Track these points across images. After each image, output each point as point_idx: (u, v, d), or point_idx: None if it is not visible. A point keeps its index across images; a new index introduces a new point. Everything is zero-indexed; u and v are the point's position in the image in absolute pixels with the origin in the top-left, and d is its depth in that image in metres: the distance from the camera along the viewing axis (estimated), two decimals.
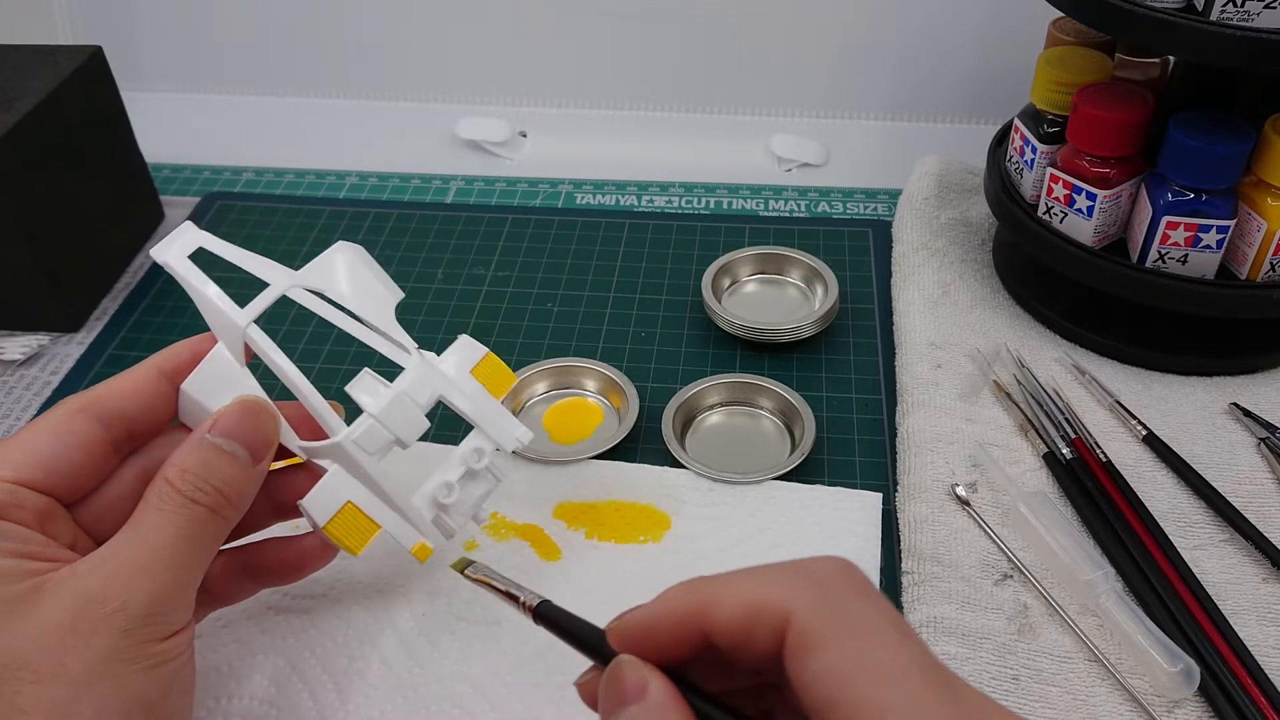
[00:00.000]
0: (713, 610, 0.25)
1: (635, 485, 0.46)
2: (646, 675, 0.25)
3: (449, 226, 0.63)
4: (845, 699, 0.22)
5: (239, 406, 0.34)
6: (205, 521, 0.31)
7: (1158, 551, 0.41)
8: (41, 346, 0.56)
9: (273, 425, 0.34)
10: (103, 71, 0.58)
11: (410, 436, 0.36)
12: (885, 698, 0.22)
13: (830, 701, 0.23)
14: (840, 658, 0.23)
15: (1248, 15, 0.40)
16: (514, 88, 0.76)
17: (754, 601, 0.24)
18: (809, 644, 0.23)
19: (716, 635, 0.25)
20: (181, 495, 0.31)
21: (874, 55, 0.71)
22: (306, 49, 0.77)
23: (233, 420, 0.33)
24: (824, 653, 0.23)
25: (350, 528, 0.35)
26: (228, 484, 0.32)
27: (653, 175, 0.68)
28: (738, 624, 0.24)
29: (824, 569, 0.25)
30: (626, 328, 0.55)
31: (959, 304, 0.54)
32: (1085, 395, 0.49)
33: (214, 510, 0.31)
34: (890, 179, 0.67)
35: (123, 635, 0.29)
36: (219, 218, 0.65)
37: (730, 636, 0.25)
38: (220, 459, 0.32)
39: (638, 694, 0.25)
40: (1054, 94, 0.49)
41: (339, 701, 0.38)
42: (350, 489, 0.36)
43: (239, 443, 0.33)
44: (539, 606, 0.31)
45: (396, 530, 0.36)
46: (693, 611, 0.25)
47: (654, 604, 0.26)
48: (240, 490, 0.32)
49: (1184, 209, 0.46)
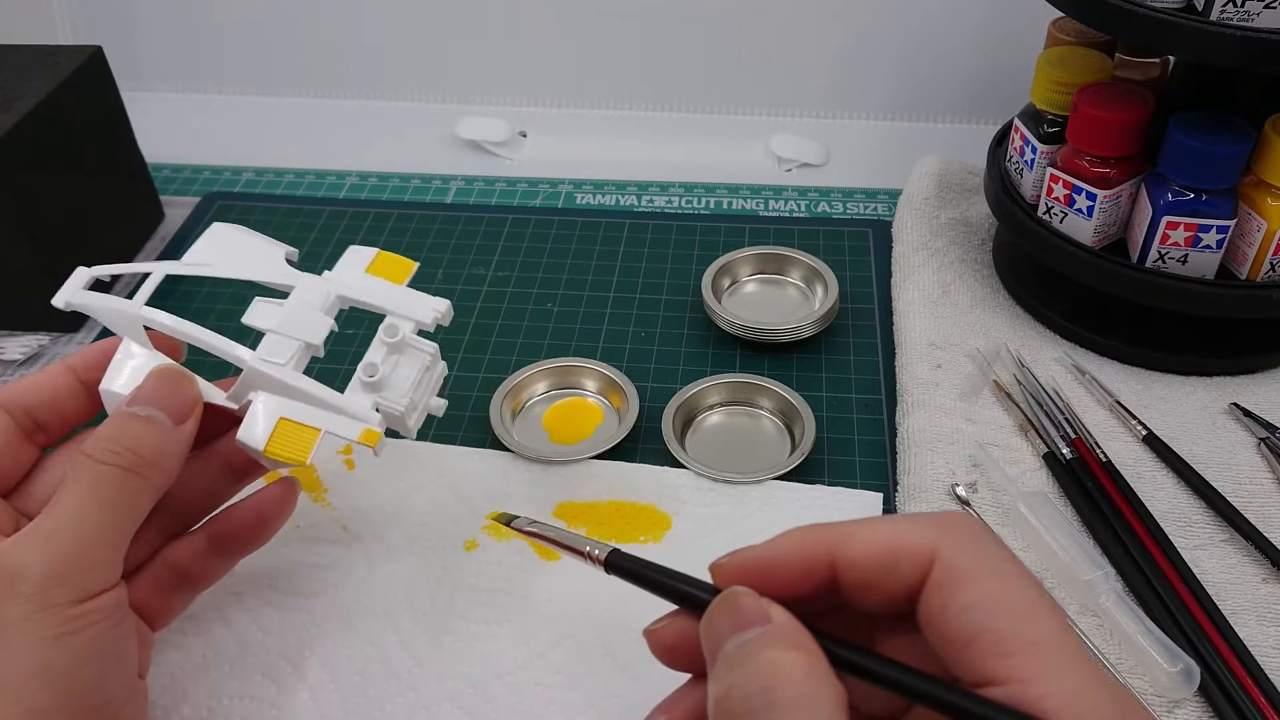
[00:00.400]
0: (848, 547, 0.25)
1: (635, 485, 0.46)
2: (766, 604, 0.25)
3: (449, 226, 0.63)
4: (992, 630, 0.23)
5: (153, 375, 0.35)
6: (117, 482, 0.31)
7: (1158, 551, 0.41)
8: (41, 346, 0.56)
9: (189, 385, 0.35)
10: (103, 71, 0.58)
11: (316, 336, 0.37)
12: (1033, 631, 0.23)
13: (977, 632, 0.23)
14: (989, 592, 0.23)
15: (1248, 15, 0.40)
16: (514, 88, 0.76)
17: (896, 540, 0.25)
18: (957, 579, 0.24)
19: (850, 571, 0.25)
20: (91, 459, 0.31)
21: (874, 55, 0.71)
22: (306, 49, 0.77)
23: (148, 388, 0.34)
24: (973, 587, 0.24)
25: (289, 441, 0.35)
26: (141, 444, 0.32)
27: (653, 175, 0.68)
28: (876, 560, 0.25)
29: (960, 518, 0.26)
30: (626, 328, 0.55)
31: (959, 304, 0.54)
32: (1085, 395, 0.49)
33: (128, 469, 0.31)
34: (890, 179, 0.67)
35: (26, 601, 0.28)
36: (219, 218, 0.65)
37: (865, 572, 0.25)
38: (134, 423, 0.32)
39: (760, 618, 0.25)
40: (1054, 94, 0.49)
41: (339, 701, 0.38)
42: (281, 408, 0.35)
43: (155, 406, 0.33)
44: (610, 557, 0.30)
45: (337, 427, 0.36)
46: (824, 549, 0.26)
47: (774, 542, 0.27)
48: (159, 448, 0.32)
49: (1184, 209, 0.46)
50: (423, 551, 0.43)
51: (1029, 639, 0.23)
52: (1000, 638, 0.23)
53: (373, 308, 0.39)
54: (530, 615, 0.41)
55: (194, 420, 0.34)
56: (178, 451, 0.33)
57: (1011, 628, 0.23)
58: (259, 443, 0.35)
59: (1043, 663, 0.22)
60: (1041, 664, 0.22)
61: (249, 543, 0.37)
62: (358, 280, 0.39)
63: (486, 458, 0.48)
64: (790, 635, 0.25)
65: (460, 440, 0.49)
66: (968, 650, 0.23)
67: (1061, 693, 0.22)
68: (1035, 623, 0.23)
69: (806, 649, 0.24)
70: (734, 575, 0.27)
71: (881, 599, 0.25)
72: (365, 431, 0.36)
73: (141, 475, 0.32)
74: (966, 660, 0.23)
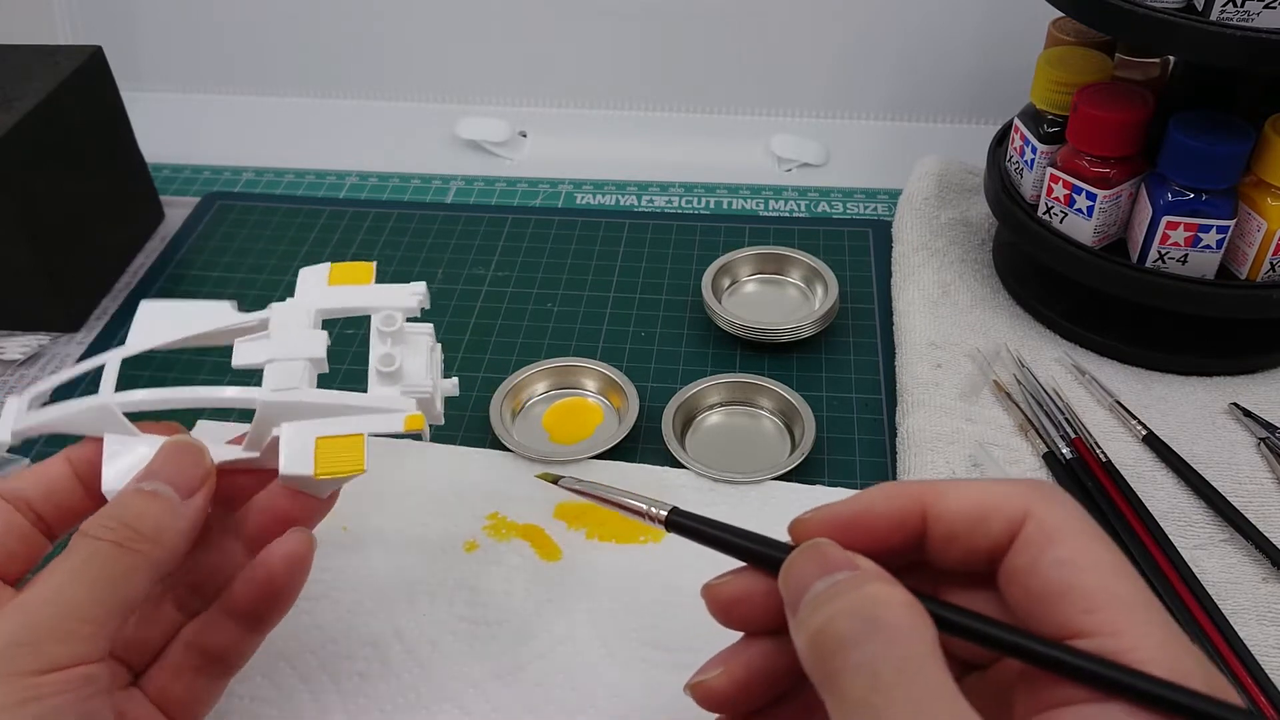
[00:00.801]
0: (941, 500, 0.26)
1: (636, 485, 0.46)
2: (852, 554, 0.26)
3: (449, 226, 0.63)
4: (1083, 585, 0.24)
5: (164, 448, 0.33)
6: (109, 557, 0.29)
7: (1158, 551, 0.41)
8: (41, 346, 0.56)
9: (201, 457, 0.33)
10: (103, 71, 0.58)
11: (317, 350, 0.35)
12: (1121, 589, 0.24)
13: (1066, 587, 0.24)
14: (1078, 551, 0.24)
15: (1248, 15, 0.40)
16: (514, 88, 0.76)
17: (989, 498, 0.26)
18: (1049, 536, 0.25)
19: (939, 523, 0.26)
20: (85, 536, 0.30)
21: (874, 55, 0.71)
22: (306, 49, 0.77)
23: (157, 462, 0.32)
24: (1065, 544, 0.24)
25: (337, 456, 0.33)
26: (141, 519, 0.30)
27: (653, 175, 0.68)
28: (968, 515, 0.26)
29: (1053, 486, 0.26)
30: (626, 328, 0.55)
31: (959, 304, 0.54)
32: (1085, 395, 0.49)
33: (121, 544, 0.29)
34: (890, 179, 0.67)
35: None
36: (219, 218, 0.65)
37: (955, 525, 0.26)
38: (136, 498, 0.31)
39: (849, 564, 0.25)
40: (1054, 94, 0.49)
41: (340, 702, 0.38)
42: (312, 429, 0.33)
43: (163, 480, 0.31)
44: (671, 515, 0.30)
45: (377, 426, 0.34)
46: (915, 503, 0.26)
47: (859, 497, 0.27)
48: (159, 523, 0.30)
49: (1184, 209, 0.46)
50: (423, 552, 0.43)
51: (1117, 595, 0.23)
52: (1090, 593, 0.23)
53: (355, 311, 0.37)
54: (530, 615, 0.41)
55: (205, 493, 0.32)
56: (184, 527, 0.31)
57: (1101, 583, 0.24)
58: (308, 469, 0.33)
59: (1131, 618, 0.23)
60: (1130, 619, 0.23)
61: (271, 610, 0.33)
62: (327, 292, 0.37)
63: (486, 458, 0.48)
64: (882, 579, 0.25)
65: (460, 440, 0.49)
66: (1057, 604, 0.24)
67: (1149, 646, 0.23)
68: (1123, 581, 0.24)
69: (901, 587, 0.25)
70: (818, 529, 0.27)
71: (964, 554, 0.26)
72: (408, 420, 0.34)
73: (137, 551, 0.30)
74: (1055, 615, 0.24)
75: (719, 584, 0.29)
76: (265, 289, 0.59)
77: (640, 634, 0.40)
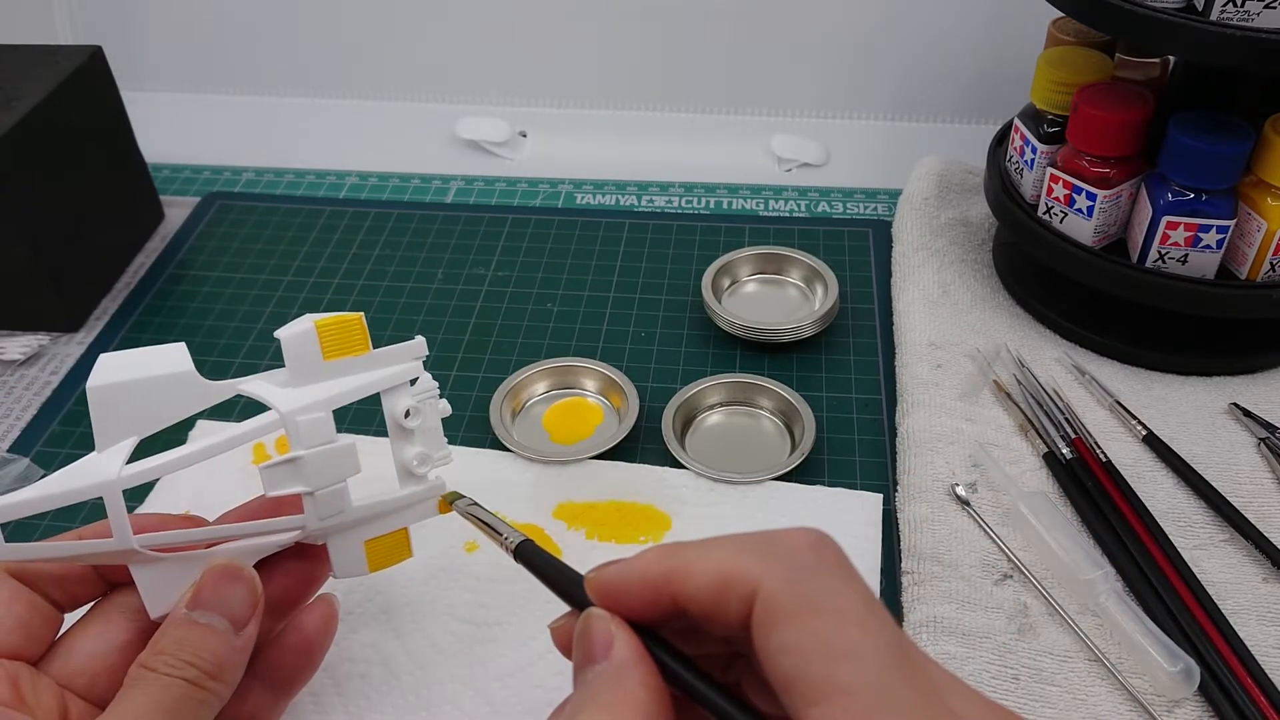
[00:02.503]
0: (685, 578, 0.25)
1: (635, 485, 0.46)
2: (613, 632, 0.25)
3: (449, 226, 0.63)
4: (805, 676, 0.22)
5: (211, 573, 0.32)
6: (182, 696, 0.30)
7: (1158, 551, 0.41)
8: (41, 346, 0.56)
9: (250, 584, 0.32)
10: (103, 71, 0.58)
11: (354, 466, 0.34)
12: (846, 677, 0.21)
13: (791, 678, 0.22)
14: (803, 633, 0.22)
15: (1248, 15, 0.40)
16: (514, 88, 0.76)
17: (724, 571, 0.24)
18: (773, 618, 0.23)
19: (687, 603, 0.25)
20: (155, 673, 0.30)
21: (874, 55, 0.71)
22: (306, 49, 0.77)
23: (207, 590, 0.32)
24: (788, 627, 0.22)
25: (387, 552, 0.36)
26: (202, 657, 0.30)
27: (653, 175, 0.68)
28: (708, 593, 0.24)
29: (797, 540, 0.24)
30: (626, 328, 0.55)
31: (959, 304, 0.54)
32: (1085, 395, 0.49)
33: (193, 683, 0.30)
34: (890, 179, 0.67)
35: None
36: (219, 218, 0.65)
37: (701, 605, 0.24)
38: (195, 632, 0.31)
39: (604, 651, 0.25)
40: (1054, 94, 0.49)
41: (340, 704, 0.38)
42: (358, 534, 0.35)
43: (218, 612, 0.31)
44: (520, 546, 0.31)
45: (414, 515, 0.36)
46: (665, 577, 0.25)
47: (631, 562, 0.26)
48: (221, 660, 0.31)
49: (1184, 209, 0.46)
50: (423, 553, 0.43)
51: (840, 685, 0.21)
52: (812, 684, 0.22)
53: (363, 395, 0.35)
54: (530, 617, 0.41)
55: (255, 621, 0.32)
56: (240, 660, 0.31)
57: (823, 671, 0.22)
58: (363, 570, 0.35)
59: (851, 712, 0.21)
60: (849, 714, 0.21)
61: (301, 673, 0.35)
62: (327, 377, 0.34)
63: (486, 458, 0.48)
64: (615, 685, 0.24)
65: (460, 440, 0.49)
66: (788, 694, 0.22)
67: None
68: (848, 666, 0.22)
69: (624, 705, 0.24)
70: (597, 592, 0.27)
71: (724, 630, 0.24)
72: (440, 503, 0.37)
73: (207, 689, 0.30)
74: (789, 703, 0.22)
75: (557, 625, 0.28)
76: (265, 289, 0.59)
77: None
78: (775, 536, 0.25)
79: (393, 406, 0.35)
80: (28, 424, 0.51)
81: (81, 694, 0.32)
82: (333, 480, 0.33)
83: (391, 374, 0.36)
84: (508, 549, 0.32)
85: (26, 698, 0.30)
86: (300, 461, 0.33)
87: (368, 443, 0.36)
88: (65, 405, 0.52)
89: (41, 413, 0.52)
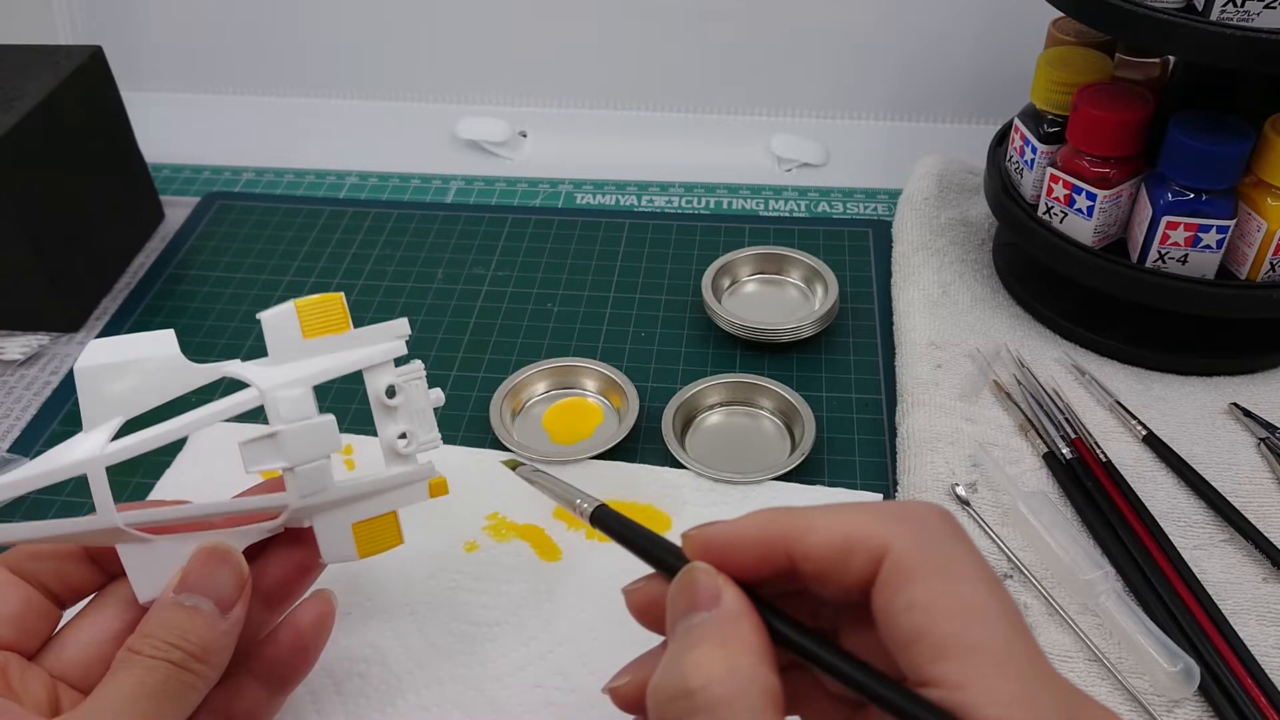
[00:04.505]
0: (805, 536, 0.25)
1: (635, 485, 0.46)
2: (721, 584, 0.25)
3: (449, 226, 0.63)
4: (932, 632, 0.22)
5: (198, 556, 0.32)
6: (167, 678, 0.30)
7: (1158, 551, 0.41)
8: (41, 346, 0.56)
9: (236, 566, 0.32)
10: (103, 71, 0.58)
11: (333, 442, 0.33)
12: (974, 636, 0.22)
13: (917, 633, 0.23)
14: (933, 592, 0.23)
15: (1248, 15, 0.40)
16: (514, 88, 0.76)
17: (851, 532, 0.25)
18: (904, 576, 0.23)
19: (807, 561, 0.25)
20: (140, 655, 0.30)
21: (874, 55, 0.71)
22: (307, 49, 0.77)
23: (194, 573, 0.32)
24: (918, 585, 0.23)
25: (376, 536, 0.35)
26: (188, 640, 0.30)
27: (653, 175, 0.68)
28: (831, 551, 0.25)
29: (924, 510, 0.25)
30: (626, 328, 0.55)
31: (959, 304, 0.54)
32: (1085, 395, 0.49)
33: (178, 665, 0.30)
34: (890, 179, 0.67)
35: None
36: (219, 218, 0.65)
37: (821, 563, 0.25)
38: (181, 615, 0.31)
39: (711, 600, 0.25)
40: (1054, 94, 0.49)
41: (340, 704, 0.38)
42: (345, 516, 0.34)
43: (204, 595, 0.31)
44: (596, 511, 0.31)
45: (403, 499, 0.35)
46: (784, 534, 0.25)
47: (741, 521, 0.26)
48: (206, 643, 0.31)
49: (1184, 209, 0.46)
50: (423, 553, 0.43)
51: (968, 644, 0.22)
52: (939, 640, 0.22)
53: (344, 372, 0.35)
54: (529, 617, 0.41)
55: (243, 604, 0.32)
56: (228, 642, 0.32)
57: (951, 630, 0.22)
58: (351, 554, 0.34)
59: (980, 670, 0.22)
60: (979, 671, 0.22)
61: (297, 670, 0.34)
62: (308, 355, 0.34)
63: (486, 458, 0.48)
64: (728, 627, 0.24)
65: (460, 440, 0.49)
66: (909, 651, 0.23)
67: (997, 701, 0.21)
68: (978, 627, 0.22)
69: (739, 645, 0.24)
70: (698, 549, 0.27)
71: (837, 590, 0.25)
72: (431, 486, 0.36)
73: (192, 671, 0.30)
74: (909, 660, 0.23)
75: (634, 589, 0.29)
76: (265, 289, 0.59)
77: (640, 635, 0.40)
78: (900, 505, 0.26)
79: (375, 384, 0.35)
80: (28, 424, 0.51)
81: (76, 684, 0.32)
82: (313, 456, 0.33)
83: (372, 352, 0.35)
84: (583, 515, 0.31)
85: (15, 687, 0.30)
86: (279, 436, 0.33)
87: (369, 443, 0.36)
88: (65, 405, 0.52)
89: (41, 413, 0.52)
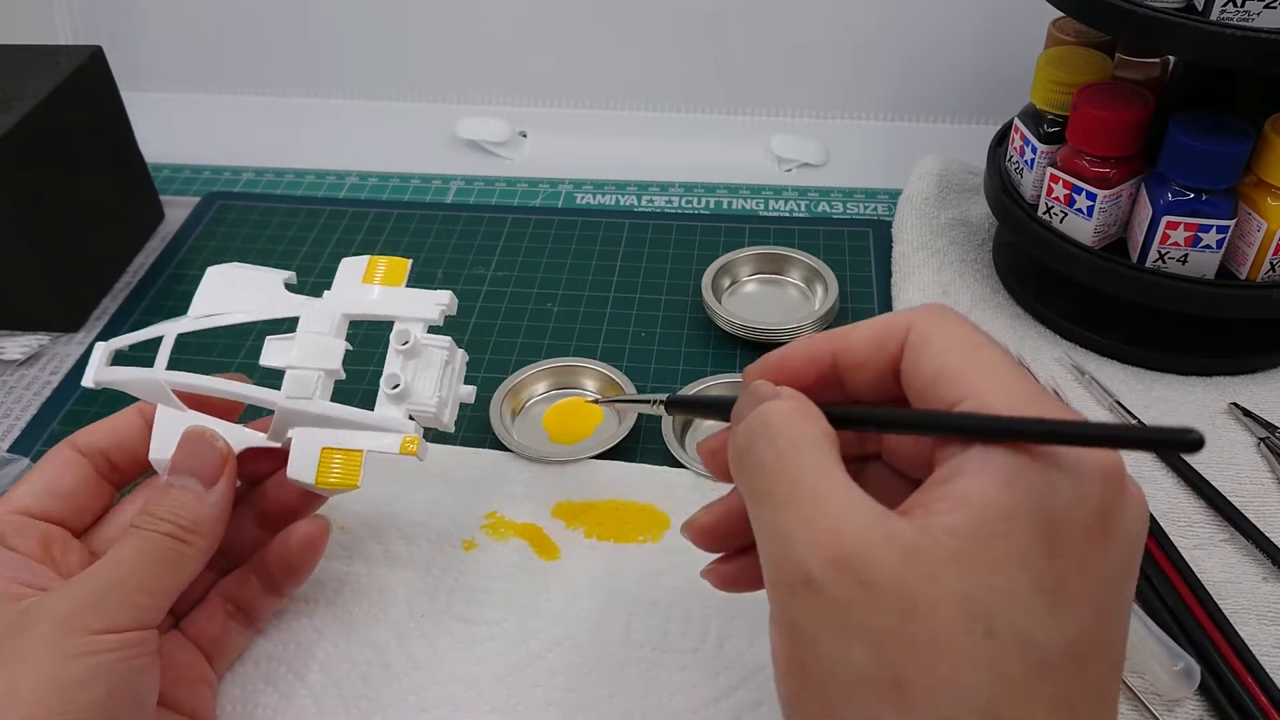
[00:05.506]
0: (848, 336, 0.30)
1: (635, 485, 0.46)
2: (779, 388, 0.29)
3: (449, 226, 0.63)
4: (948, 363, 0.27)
5: (182, 440, 0.36)
6: (162, 547, 0.33)
7: (1158, 551, 0.41)
8: (41, 346, 0.56)
9: (215, 444, 0.36)
10: (103, 71, 0.58)
11: (332, 361, 0.37)
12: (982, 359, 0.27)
13: (937, 369, 0.27)
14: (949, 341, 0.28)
15: (1248, 15, 0.40)
16: (514, 88, 0.76)
17: (885, 322, 0.29)
18: (926, 338, 0.28)
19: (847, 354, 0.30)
20: (140, 530, 0.34)
21: (874, 55, 0.71)
22: (306, 49, 0.77)
23: (180, 456, 0.36)
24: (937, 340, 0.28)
25: (336, 469, 0.37)
26: (179, 514, 0.34)
27: (653, 175, 0.68)
28: (869, 342, 0.29)
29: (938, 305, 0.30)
30: (626, 328, 0.55)
31: (959, 304, 0.54)
32: (1085, 395, 0.49)
33: (171, 536, 0.34)
34: (890, 179, 0.67)
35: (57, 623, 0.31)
36: (219, 218, 0.65)
37: (859, 354, 0.29)
38: (172, 494, 0.35)
39: (772, 395, 0.29)
40: (1054, 94, 0.49)
41: (340, 705, 0.38)
42: (320, 438, 0.37)
43: (189, 474, 0.35)
44: (669, 401, 0.37)
45: (377, 444, 0.37)
46: (830, 340, 0.30)
47: (791, 344, 0.31)
48: (195, 516, 0.34)
49: (1184, 209, 0.46)
50: (421, 552, 0.43)
51: (979, 363, 0.27)
52: (955, 367, 0.27)
53: (379, 317, 0.39)
54: (529, 617, 0.41)
55: (226, 479, 0.36)
56: (215, 514, 0.35)
57: (963, 357, 0.27)
58: (310, 477, 0.37)
59: (990, 380, 0.26)
60: (990, 381, 0.26)
61: (288, 576, 0.39)
62: (358, 293, 0.39)
63: (486, 458, 0.48)
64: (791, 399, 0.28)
65: (460, 440, 0.49)
66: (934, 388, 0.27)
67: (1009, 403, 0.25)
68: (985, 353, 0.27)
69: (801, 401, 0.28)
70: (756, 373, 0.31)
71: (873, 377, 0.29)
72: (404, 442, 0.37)
73: (185, 542, 0.34)
74: (934, 397, 0.27)
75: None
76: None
77: (639, 634, 0.40)
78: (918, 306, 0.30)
79: (398, 330, 0.38)
80: (28, 424, 0.51)
81: None
82: (312, 364, 0.37)
83: (406, 303, 0.39)
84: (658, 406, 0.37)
85: (56, 557, 0.34)
86: (294, 339, 0.38)
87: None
88: (65, 405, 0.52)
89: (41, 413, 0.52)
